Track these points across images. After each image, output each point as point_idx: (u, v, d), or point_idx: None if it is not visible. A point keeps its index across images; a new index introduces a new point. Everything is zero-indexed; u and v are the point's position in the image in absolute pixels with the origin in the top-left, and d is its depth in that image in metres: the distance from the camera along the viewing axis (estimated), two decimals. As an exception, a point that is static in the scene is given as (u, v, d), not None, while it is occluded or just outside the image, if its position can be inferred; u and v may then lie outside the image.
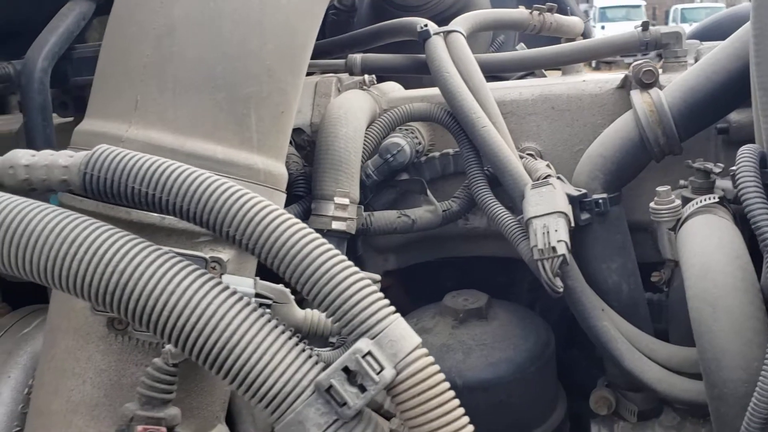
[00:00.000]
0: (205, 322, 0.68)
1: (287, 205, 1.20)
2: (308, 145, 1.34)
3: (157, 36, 0.89)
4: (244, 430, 1.09)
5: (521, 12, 1.51)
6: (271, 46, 0.95)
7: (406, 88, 1.61)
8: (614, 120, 1.28)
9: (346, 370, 0.66)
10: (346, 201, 1.16)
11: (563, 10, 1.70)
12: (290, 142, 1.29)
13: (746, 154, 0.89)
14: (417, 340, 0.69)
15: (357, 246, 1.37)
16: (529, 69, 1.51)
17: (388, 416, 1.05)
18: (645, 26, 1.36)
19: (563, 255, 1.05)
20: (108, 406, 0.91)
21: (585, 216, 1.19)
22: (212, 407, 1.01)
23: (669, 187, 1.11)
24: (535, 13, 1.49)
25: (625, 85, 1.30)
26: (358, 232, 1.23)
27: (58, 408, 0.92)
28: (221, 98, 0.92)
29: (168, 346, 0.84)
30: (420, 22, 1.35)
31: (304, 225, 0.73)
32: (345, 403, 0.66)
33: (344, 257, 0.71)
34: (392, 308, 0.70)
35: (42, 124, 1.24)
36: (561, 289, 1.07)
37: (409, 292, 1.57)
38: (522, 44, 1.78)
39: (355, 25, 2.48)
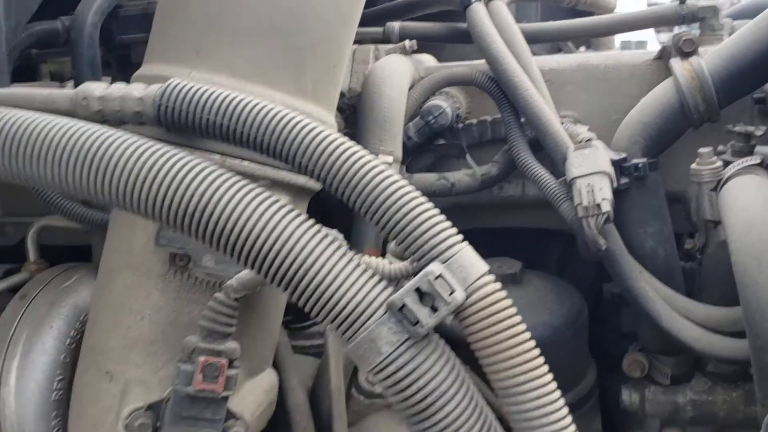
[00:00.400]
0: (282, 244, 0.70)
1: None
2: (348, 108, 1.36)
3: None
4: (287, 379, 1.11)
5: (559, -16, 1.53)
6: (327, -1, 0.97)
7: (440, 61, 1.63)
8: (651, 91, 1.30)
9: (418, 291, 0.68)
10: (390, 159, 1.19)
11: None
12: (332, 104, 1.31)
13: None
14: (485, 267, 0.71)
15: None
16: (567, 38, 1.53)
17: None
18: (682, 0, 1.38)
19: (608, 212, 1.07)
20: (164, 342, 0.93)
21: (624, 180, 1.20)
22: (263, 351, 1.03)
23: (711, 148, 1.13)
24: (571, -14, 1.52)
25: (662, 56, 1.32)
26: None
27: (115, 344, 0.95)
28: (280, 46, 0.94)
29: (230, 281, 0.87)
30: (460, -11, 1.37)
31: (374, 157, 0.75)
32: (417, 322, 0.68)
33: (413, 188, 0.73)
34: (461, 236, 0.72)
35: (92, 78, 1.26)
36: (604, 246, 1.09)
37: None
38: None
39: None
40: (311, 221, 0.73)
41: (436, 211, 0.72)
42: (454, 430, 0.69)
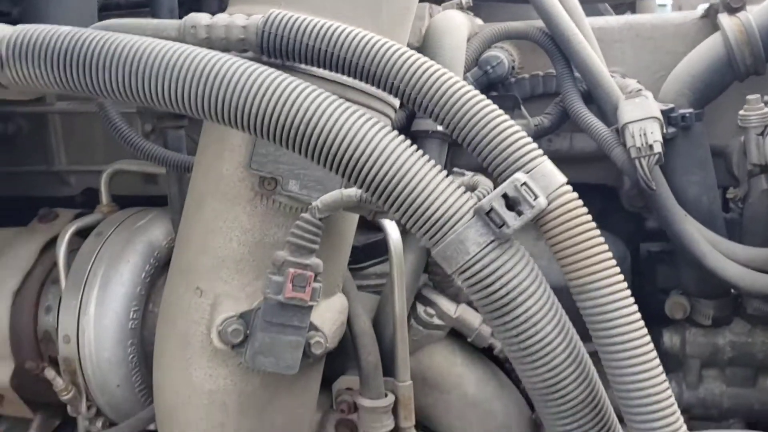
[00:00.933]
0: (378, 155, 0.77)
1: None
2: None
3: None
4: (353, 307, 1.18)
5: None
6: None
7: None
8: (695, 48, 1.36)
9: (505, 196, 0.76)
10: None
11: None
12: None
13: None
14: (564, 178, 0.78)
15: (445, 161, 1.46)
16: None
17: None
18: (729, -40, 1.43)
19: (659, 153, 1.14)
20: (251, 261, 1.01)
21: (671, 130, 1.27)
22: (335, 274, 1.11)
23: (758, 95, 1.19)
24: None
25: (708, 14, 1.38)
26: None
27: (206, 263, 1.02)
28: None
29: (315, 203, 0.94)
30: (515, -50, 1.43)
31: (460, 78, 0.82)
32: (504, 224, 0.75)
33: (496, 106, 0.80)
34: (541, 150, 0.79)
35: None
36: (655, 187, 1.16)
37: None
38: None
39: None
40: (403, 137, 0.80)
41: (518, 127, 0.79)
42: (533, 323, 0.76)
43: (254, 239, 1.01)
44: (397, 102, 1.03)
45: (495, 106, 0.79)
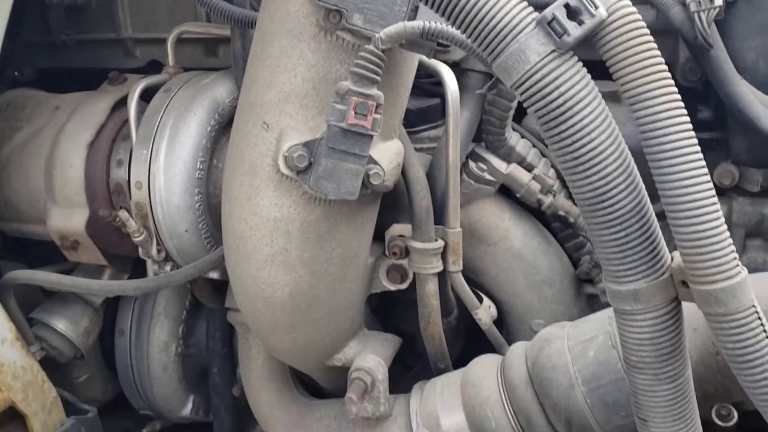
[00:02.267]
0: None
1: None
2: None
3: None
4: (408, 157, 1.23)
5: None
6: None
7: None
8: None
9: (566, 6, 0.78)
10: None
11: None
12: None
13: None
14: (626, -9, 0.81)
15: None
16: None
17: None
18: None
19: (720, 6, 1.14)
20: (315, 96, 1.07)
21: (730, -9, 1.26)
22: (393, 118, 1.16)
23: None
24: None
25: None
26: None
27: (272, 98, 1.08)
28: None
29: (377, 34, 0.98)
30: None
31: None
32: (565, 32, 0.78)
33: None
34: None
35: None
36: (713, 43, 1.17)
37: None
38: None
39: None
40: None
41: None
42: (588, 132, 0.80)
43: (318, 75, 1.06)
44: None
45: None
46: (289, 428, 1.39)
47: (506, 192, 1.38)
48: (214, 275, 1.46)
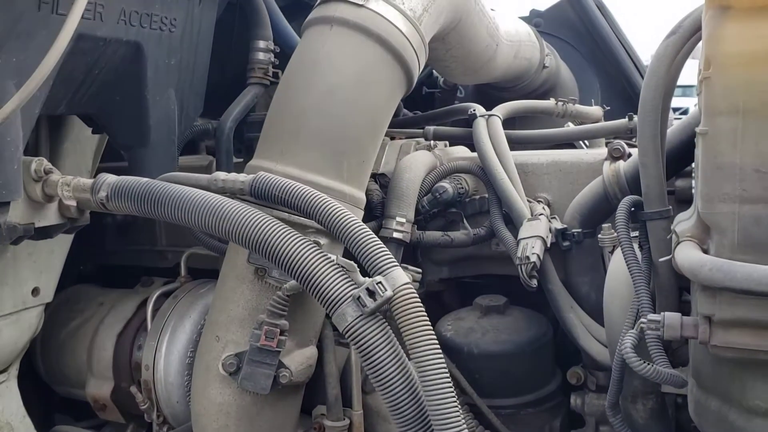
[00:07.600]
0: (289, 255, 1.34)
1: (369, 221, 1.87)
2: (387, 183, 2.01)
3: (295, 115, 1.60)
4: (327, 356, 1.74)
5: (548, 102, 2.12)
6: (361, 122, 1.63)
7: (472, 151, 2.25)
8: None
9: (367, 289, 1.30)
10: (404, 220, 1.82)
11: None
12: (377, 182, 1.96)
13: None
14: (407, 278, 1.32)
15: (417, 256, 2.02)
16: (549, 143, 2.11)
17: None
18: (630, 117, 1.92)
19: (534, 263, 1.63)
20: (250, 320, 1.60)
21: (566, 243, 1.76)
22: (308, 332, 1.67)
23: (609, 224, 1.67)
24: (560, 103, 2.10)
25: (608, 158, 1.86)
26: (414, 244, 1.88)
27: (223, 320, 1.63)
28: (328, 152, 1.61)
29: (285, 285, 1.53)
30: (471, 107, 2.00)
31: (362, 224, 1.38)
32: (366, 306, 1.29)
33: (377, 239, 1.35)
34: (395, 262, 1.33)
35: (226, 161, 2.00)
36: (534, 285, 1.65)
37: (459, 296, 2.19)
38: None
39: (460, 100, 3.17)
40: (311, 240, 1.36)
41: (382, 245, 1.33)
42: (382, 366, 1.29)
43: (252, 306, 1.60)
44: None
45: (371, 233, 1.35)
46: None
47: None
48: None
